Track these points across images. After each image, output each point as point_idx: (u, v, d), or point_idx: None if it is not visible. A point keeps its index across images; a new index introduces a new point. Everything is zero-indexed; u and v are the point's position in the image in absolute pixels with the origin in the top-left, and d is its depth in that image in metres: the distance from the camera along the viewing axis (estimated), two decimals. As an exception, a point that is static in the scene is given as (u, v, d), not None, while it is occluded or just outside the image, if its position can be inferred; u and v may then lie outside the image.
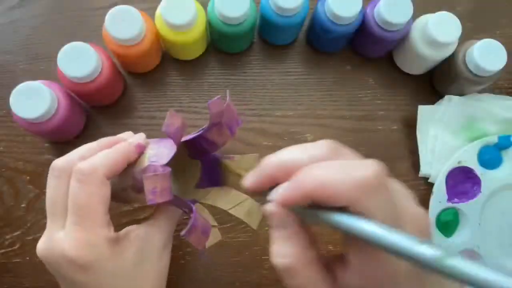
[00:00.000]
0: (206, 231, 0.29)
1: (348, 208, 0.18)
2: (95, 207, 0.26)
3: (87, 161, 0.27)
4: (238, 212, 0.32)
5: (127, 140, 0.31)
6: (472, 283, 0.14)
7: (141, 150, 0.30)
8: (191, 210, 0.28)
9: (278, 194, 0.20)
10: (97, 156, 0.28)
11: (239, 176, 0.30)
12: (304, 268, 0.20)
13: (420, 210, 0.21)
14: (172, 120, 0.27)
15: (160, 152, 0.29)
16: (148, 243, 0.30)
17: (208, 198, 0.33)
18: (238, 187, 0.32)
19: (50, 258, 0.27)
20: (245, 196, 0.32)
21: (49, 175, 0.28)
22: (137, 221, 0.41)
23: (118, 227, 0.41)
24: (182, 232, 0.26)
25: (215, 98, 0.29)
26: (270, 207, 0.20)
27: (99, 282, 0.26)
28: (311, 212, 0.19)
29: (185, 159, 0.35)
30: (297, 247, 0.20)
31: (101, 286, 0.27)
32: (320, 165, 0.19)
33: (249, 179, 0.22)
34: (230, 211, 0.32)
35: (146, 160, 0.29)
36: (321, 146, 0.20)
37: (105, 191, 0.27)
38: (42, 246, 0.27)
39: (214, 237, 0.31)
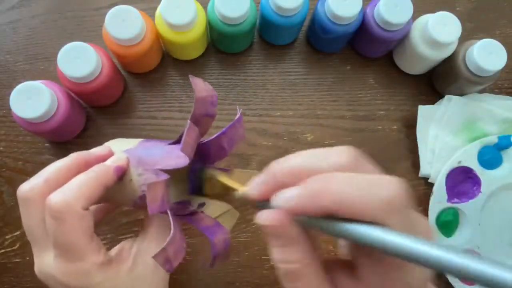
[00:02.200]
0: (226, 246, 0.28)
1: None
2: (76, 242, 0.25)
3: (59, 194, 0.24)
4: (221, 220, 0.30)
5: (103, 162, 0.28)
6: None
7: (121, 173, 0.28)
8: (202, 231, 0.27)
9: (288, 201, 0.18)
10: (70, 187, 0.25)
11: (224, 187, 0.28)
12: (308, 273, 0.19)
13: (427, 224, 0.20)
14: (190, 135, 0.25)
15: (149, 178, 0.27)
16: (142, 259, 0.28)
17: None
18: (220, 197, 0.30)
19: (46, 280, 0.27)
20: (229, 206, 0.31)
21: (19, 206, 0.27)
22: (138, 221, 0.41)
23: (118, 228, 0.41)
24: (207, 265, 0.26)
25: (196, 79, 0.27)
26: (272, 215, 0.18)
27: None
28: (321, 221, 0.18)
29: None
30: (300, 253, 0.19)
31: None
32: (343, 177, 0.17)
33: (256, 187, 0.20)
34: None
35: (137, 190, 0.27)
36: (341, 154, 0.19)
37: (85, 223, 0.25)
38: (36, 269, 0.27)
39: (233, 217, 0.30)
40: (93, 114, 0.43)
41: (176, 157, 0.27)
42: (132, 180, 0.28)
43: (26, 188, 0.26)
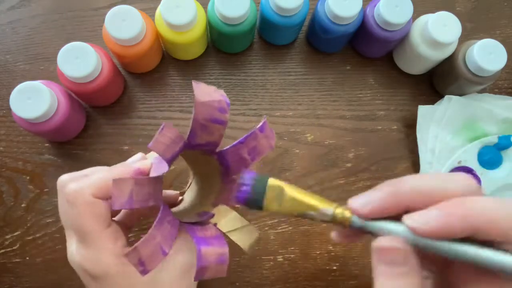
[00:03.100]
0: (221, 261, 0.26)
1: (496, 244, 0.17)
2: (89, 226, 0.26)
3: (74, 181, 0.26)
4: (235, 237, 0.29)
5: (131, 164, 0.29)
6: None
7: (140, 176, 0.28)
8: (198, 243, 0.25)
9: (426, 224, 0.17)
10: (85, 176, 0.27)
11: (295, 201, 0.23)
12: None
13: None
14: (163, 134, 0.24)
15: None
16: (166, 265, 0.27)
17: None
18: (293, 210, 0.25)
19: (73, 265, 0.28)
20: (245, 221, 0.29)
21: (58, 190, 0.28)
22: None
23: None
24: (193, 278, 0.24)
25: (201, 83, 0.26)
26: (393, 242, 0.18)
27: None
28: (449, 245, 0.18)
29: (215, 174, 0.31)
30: (416, 282, 0.18)
31: None
32: (486, 198, 0.18)
33: (364, 204, 0.19)
34: (227, 233, 0.29)
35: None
36: (466, 178, 0.19)
37: (96, 210, 0.26)
38: (67, 255, 0.28)
39: (251, 236, 0.28)
40: (93, 114, 0.43)
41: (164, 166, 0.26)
42: None
43: (66, 178, 0.28)
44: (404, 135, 0.45)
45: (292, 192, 0.22)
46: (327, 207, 0.21)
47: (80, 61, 0.36)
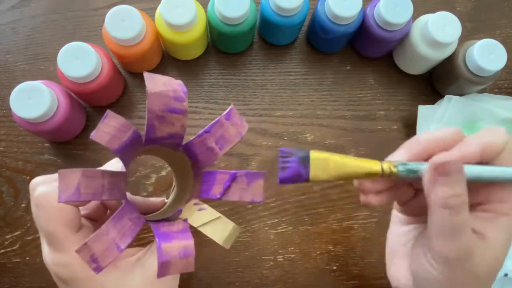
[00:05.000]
0: (186, 254, 0.25)
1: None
2: (56, 231, 0.25)
3: (45, 185, 0.26)
4: (207, 230, 0.27)
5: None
6: None
7: None
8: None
9: (454, 154, 0.23)
10: (54, 178, 0.26)
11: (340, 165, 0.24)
12: (467, 204, 0.22)
13: None
14: (107, 124, 0.23)
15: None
16: (140, 269, 0.27)
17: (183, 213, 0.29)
18: (345, 175, 0.25)
19: (46, 266, 0.27)
20: (217, 214, 0.28)
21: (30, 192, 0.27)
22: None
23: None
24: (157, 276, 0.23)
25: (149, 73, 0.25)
26: (453, 156, 0.23)
27: None
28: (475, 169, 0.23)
29: (187, 169, 0.31)
30: (465, 187, 0.22)
31: None
32: (486, 132, 0.25)
33: (402, 154, 0.25)
34: (199, 228, 0.27)
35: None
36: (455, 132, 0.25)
37: (64, 215, 0.25)
38: (42, 256, 0.28)
39: (225, 228, 0.27)
40: (93, 114, 0.43)
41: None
42: None
43: (39, 180, 0.27)
44: (404, 135, 0.45)
45: (336, 159, 0.24)
46: (373, 165, 0.24)
47: (80, 61, 0.36)
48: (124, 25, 0.37)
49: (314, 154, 0.23)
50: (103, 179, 0.23)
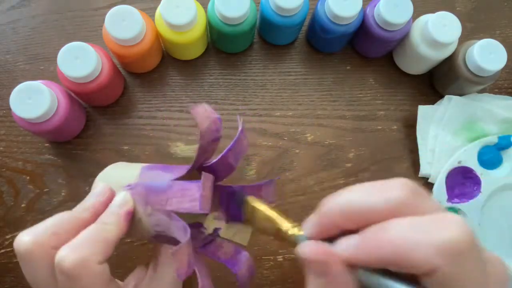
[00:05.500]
0: (251, 272, 0.28)
1: (427, 276, 0.16)
2: None
3: (72, 252, 0.22)
4: (238, 239, 0.29)
5: (108, 209, 0.26)
6: None
7: (130, 218, 0.26)
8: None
9: (345, 251, 0.18)
10: (82, 243, 0.23)
11: (265, 216, 0.26)
12: None
13: (496, 258, 0.18)
14: (206, 187, 0.24)
15: (162, 219, 0.25)
16: (155, 279, 0.27)
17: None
18: (265, 228, 0.27)
19: None
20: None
21: (18, 259, 0.24)
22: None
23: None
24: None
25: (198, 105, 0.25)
26: (314, 249, 0.18)
27: None
28: (372, 276, 0.18)
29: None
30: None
31: None
32: (400, 223, 0.17)
33: (309, 226, 0.20)
34: (231, 238, 0.30)
35: (149, 229, 0.26)
36: (397, 188, 0.18)
37: (104, 277, 0.23)
38: None
39: (246, 232, 0.29)
40: (93, 114, 0.43)
41: (190, 200, 0.24)
42: (142, 220, 0.26)
43: (29, 240, 0.23)
44: (404, 135, 0.45)
45: (266, 211, 0.25)
46: (287, 226, 0.23)
47: (80, 61, 0.36)
48: (124, 25, 0.37)
49: (249, 201, 0.26)
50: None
